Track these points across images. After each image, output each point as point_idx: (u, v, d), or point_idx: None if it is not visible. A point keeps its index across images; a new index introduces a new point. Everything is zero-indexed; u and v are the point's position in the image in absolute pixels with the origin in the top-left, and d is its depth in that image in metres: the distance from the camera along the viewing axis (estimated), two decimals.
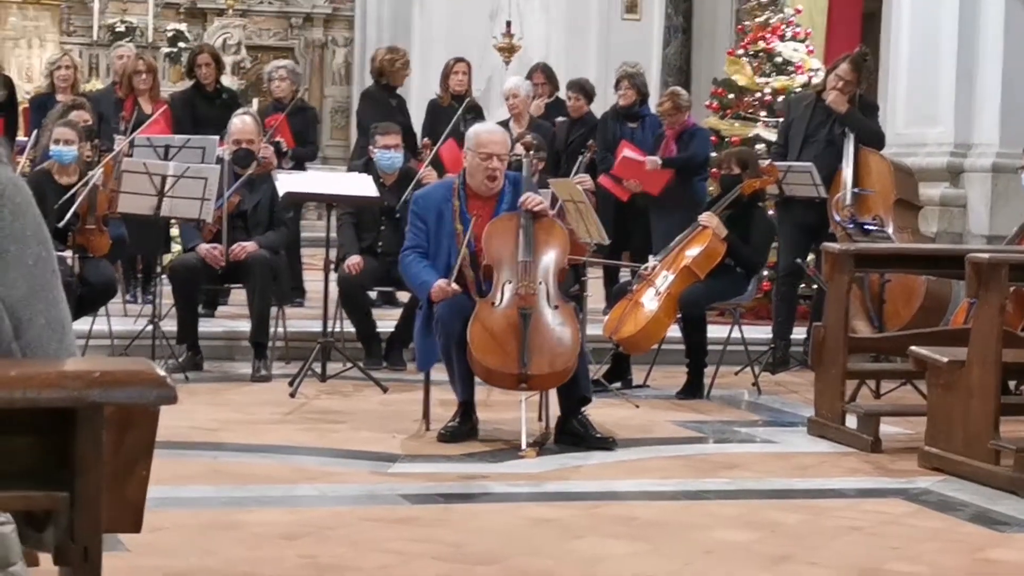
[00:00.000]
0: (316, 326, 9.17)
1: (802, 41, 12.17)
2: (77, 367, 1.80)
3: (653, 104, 11.88)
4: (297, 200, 9.59)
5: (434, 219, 7.36)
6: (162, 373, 1.84)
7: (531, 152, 8.09)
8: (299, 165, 11.48)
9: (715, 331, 9.14)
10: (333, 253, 9.41)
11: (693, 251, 8.75)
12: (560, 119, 12.13)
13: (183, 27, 20.66)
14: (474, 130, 7.63)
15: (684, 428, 7.87)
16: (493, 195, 7.40)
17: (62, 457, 1.80)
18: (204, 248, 9.10)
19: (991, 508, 6.04)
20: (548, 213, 7.39)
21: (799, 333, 9.97)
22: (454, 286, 7.12)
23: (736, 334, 9.12)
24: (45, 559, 2.39)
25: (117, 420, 1.84)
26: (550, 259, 7.25)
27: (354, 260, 9.36)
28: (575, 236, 7.46)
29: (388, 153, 9.76)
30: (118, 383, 1.79)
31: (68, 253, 8.69)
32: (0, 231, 2.24)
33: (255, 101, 17.24)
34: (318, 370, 8.77)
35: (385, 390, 8.53)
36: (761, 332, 10.11)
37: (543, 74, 12.70)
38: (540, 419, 7.55)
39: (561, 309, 7.15)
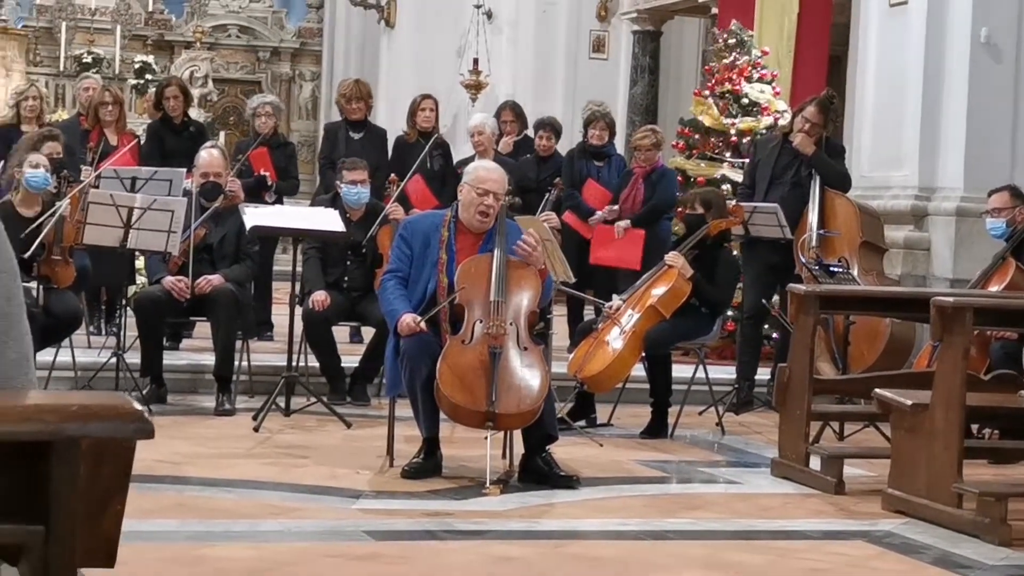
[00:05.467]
0: (281, 360, 9.15)
1: (769, 83, 12.22)
2: (55, 401, 1.79)
3: (619, 143, 11.90)
4: (264, 234, 9.57)
5: (420, 245, 7.37)
6: (139, 407, 1.83)
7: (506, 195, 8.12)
8: (279, 199, 11.51)
9: (679, 371, 9.16)
10: (299, 287, 9.39)
11: (658, 290, 8.77)
12: (526, 156, 12.15)
13: (150, 59, 20.65)
14: (474, 166, 7.74)
15: (648, 467, 7.88)
16: (482, 232, 7.42)
17: (37, 491, 1.79)
18: (169, 281, 9.08)
19: (953, 551, 6.06)
20: (538, 263, 7.38)
21: (763, 374, 9.98)
22: (422, 324, 7.12)
23: (700, 374, 9.14)
24: None
25: (92, 454, 1.82)
26: (521, 300, 7.26)
27: (320, 296, 9.35)
28: (544, 271, 7.47)
29: (354, 188, 9.77)
30: (95, 417, 1.78)
31: (33, 284, 8.66)
32: None
33: (222, 134, 17.21)
34: (282, 404, 8.75)
35: (349, 425, 8.52)
36: (725, 372, 10.14)
37: (512, 112, 12.74)
38: (504, 456, 7.55)
39: (531, 351, 7.15)
